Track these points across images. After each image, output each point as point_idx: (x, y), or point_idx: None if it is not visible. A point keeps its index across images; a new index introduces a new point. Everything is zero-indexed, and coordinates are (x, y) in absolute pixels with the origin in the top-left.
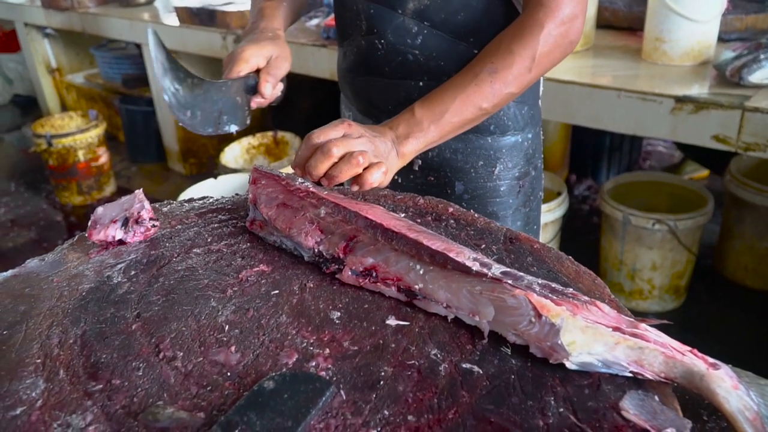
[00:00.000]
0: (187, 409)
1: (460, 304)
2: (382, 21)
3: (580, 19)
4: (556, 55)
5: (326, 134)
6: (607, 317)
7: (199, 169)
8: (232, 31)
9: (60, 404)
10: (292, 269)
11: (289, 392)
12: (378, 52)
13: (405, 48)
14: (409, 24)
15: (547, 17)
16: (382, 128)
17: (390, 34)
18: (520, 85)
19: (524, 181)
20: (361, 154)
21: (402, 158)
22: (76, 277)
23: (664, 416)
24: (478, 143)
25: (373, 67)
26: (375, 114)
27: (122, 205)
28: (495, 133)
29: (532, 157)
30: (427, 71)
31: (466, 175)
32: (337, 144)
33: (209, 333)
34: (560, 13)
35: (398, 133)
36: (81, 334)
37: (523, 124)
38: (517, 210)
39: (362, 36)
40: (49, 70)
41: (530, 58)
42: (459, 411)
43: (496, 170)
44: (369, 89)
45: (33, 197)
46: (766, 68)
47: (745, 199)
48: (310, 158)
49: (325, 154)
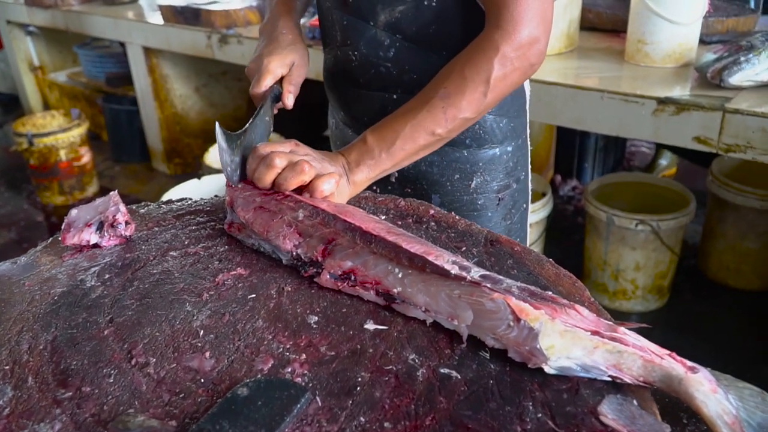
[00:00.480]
0: (158, 417)
1: (438, 308)
2: (354, 33)
3: (541, 42)
4: (514, 78)
5: (272, 147)
6: (585, 321)
7: (183, 169)
8: (216, 30)
9: (28, 412)
10: (270, 272)
11: (264, 399)
12: (352, 63)
13: (378, 60)
14: (381, 36)
15: (503, 40)
16: (335, 155)
17: (363, 46)
18: (476, 110)
19: (504, 194)
20: (306, 163)
21: (353, 186)
22: (49, 281)
23: (642, 421)
24: (454, 156)
25: (349, 78)
26: (353, 124)
27: (97, 207)
28: (471, 147)
29: (513, 170)
30: (401, 84)
31: (442, 188)
32: (279, 155)
33: (183, 338)
34: (517, 36)
35: (349, 160)
36: (51, 340)
37: (501, 138)
38: (497, 224)
39: (338, 46)
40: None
41: (484, 83)
42: (436, 417)
43: (473, 184)
44: (347, 99)
45: (14, 197)
46: (747, 70)
47: (727, 200)
48: (255, 170)
49: (268, 165)
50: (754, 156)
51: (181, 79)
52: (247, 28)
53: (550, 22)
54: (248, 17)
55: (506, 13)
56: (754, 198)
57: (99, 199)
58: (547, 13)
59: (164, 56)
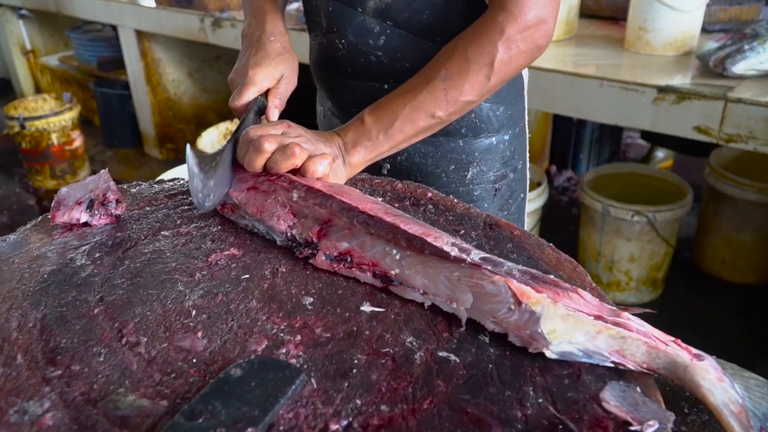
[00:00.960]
0: (149, 397)
1: (437, 291)
2: (341, 20)
3: (548, 23)
4: (519, 61)
5: (263, 130)
6: (588, 305)
7: (176, 155)
8: (210, 13)
9: (17, 390)
10: (264, 253)
11: (257, 380)
12: (339, 52)
13: (367, 49)
14: (370, 23)
15: (507, 22)
16: (330, 134)
17: (351, 34)
18: (479, 93)
19: (501, 184)
20: (297, 146)
21: (350, 167)
22: (38, 259)
23: (646, 408)
24: (449, 146)
25: (336, 67)
26: (341, 116)
27: (87, 185)
28: (467, 136)
29: (510, 159)
30: (392, 73)
31: (437, 180)
32: (269, 139)
33: (175, 318)
34: (523, 17)
35: (346, 141)
36: (41, 318)
37: (498, 126)
38: (493, 215)
39: (323, 34)
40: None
41: (488, 65)
42: (434, 401)
43: (468, 174)
44: (335, 88)
45: (5, 181)
46: (750, 59)
47: (723, 192)
48: (245, 154)
49: (257, 149)
50: (756, 146)
51: (174, 64)
52: (241, 11)
53: (558, 2)
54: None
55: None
56: (751, 191)
57: (89, 178)
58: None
59: (157, 40)
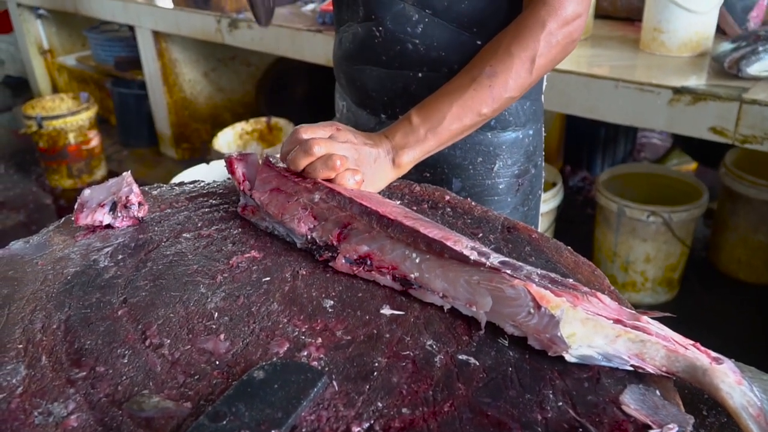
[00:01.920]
0: (173, 399)
1: (456, 294)
2: (380, 7)
3: (583, 18)
4: (557, 56)
5: (313, 131)
6: (608, 309)
7: (191, 154)
8: (226, 14)
9: (41, 392)
10: (284, 256)
11: (280, 382)
12: (375, 39)
13: (404, 36)
14: (409, 11)
15: (549, 16)
16: (378, 137)
17: (389, 21)
18: (521, 88)
19: (523, 179)
20: (341, 158)
21: (398, 168)
22: (62, 261)
23: (665, 411)
24: (477, 139)
25: (369, 56)
26: (370, 105)
27: (110, 188)
28: (495, 129)
29: (533, 154)
30: (427, 62)
31: (463, 172)
32: (319, 143)
33: (198, 320)
34: (563, 11)
35: (394, 143)
36: (65, 320)
37: (524, 120)
38: (515, 209)
39: (359, 22)
40: (41, 52)
41: (530, 60)
42: (455, 404)
43: (495, 167)
44: (365, 78)
45: (23, 179)
46: (765, 60)
47: (739, 192)
48: (291, 151)
49: (306, 151)
50: None
51: (191, 64)
52: None
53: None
54: None
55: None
56: (766, 191)
57: (112, 180)
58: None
59: (173, 40)
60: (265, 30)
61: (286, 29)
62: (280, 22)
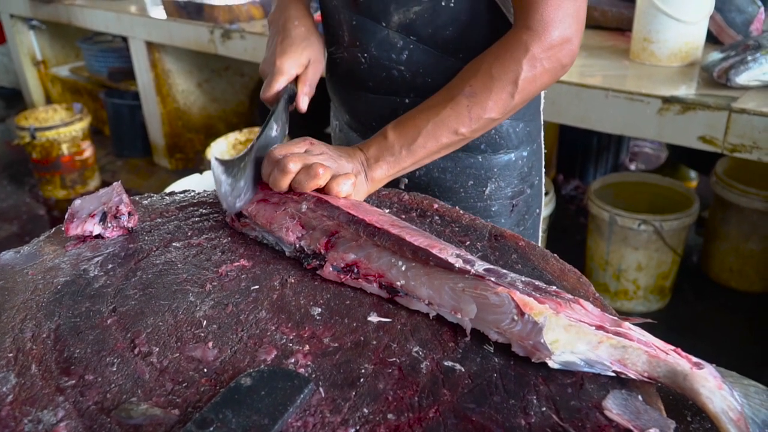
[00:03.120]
0: (161, 406)
1: (442, 302)
2: (365, 33)
3: (573, 42)
4: (544, 80)
5: (287, 149)
6: (590, 315)
7: (185, 164)
8: (219, 24)
9: (31, 400)
10: (273, 264)
11: (267, 389)
12: (361, 66)
13: (390, 63)
14: (394, 38)
15: (532, 40)
16: (352, 149)
17: (374, 48)
18: (502, 111)
19: (518, 200)
20: (321, 166)
21: (372, 183)
22: (52, 270)
23: (647, 416)
24: (468, 162)
25: (356, 81)
26: (359, 129)
27: (100, 198)
28: (486, 152)
29: (528, 175)
30: (414, 87)
31: (455, 195)
32: (293, 159)
33: (186, 328)
34: (548, 36)
35: (368, 156)
36: (55, 328)
37: (517, 142)
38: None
39: (345, 47)
40: (34, 63)
41: (512, 83)
42: (440, 409)
43: (487, 190)
44: (354, 102)
45: (16, 190)
46: (754, 70)
47: (730, 201)
48: (270, 174)
49: (282, 170)
50: (760, 156)
51: (184, 74)
52: (250, 23)
53: (583, 21)
54: (251, 12)
55: (535, 14)
56: (757, 199)
57: (102, 190)
58: (581, 12)
59: (167, 51)
60: (258, 40)
61: None
62: None
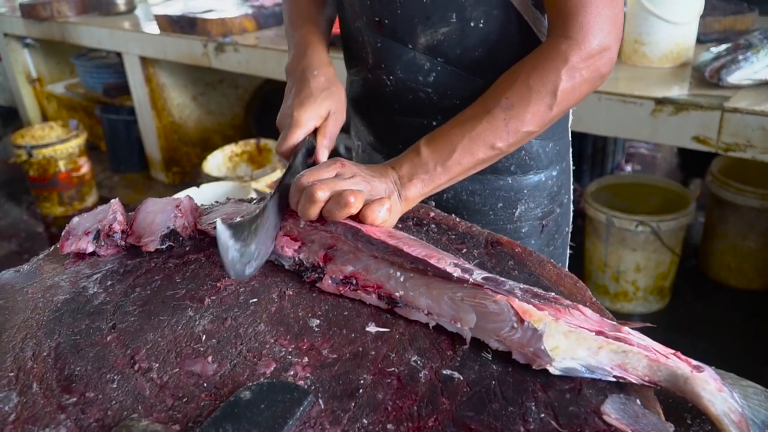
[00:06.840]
0: (162, 422)
1: (441, 311)
2: (390, 56)
3: (612, 50)
4: (583, 90)
5: (315, 175)
6: (589, 321)
7: (182, 178)
8: (212, 38)
9: (33, 418)
10: (271, 277)
11: (266, 402)
12: (386, 88)
13: (416, 85)
14: (420, 60)
15: (571, 50)
16: (384, 168)
17: (399, 71)
18: (540, 123)
19: (548, 220)
20: (352, 194)
21: (405, 202)
22: (51, 289)
23: (646, 420)
24: (497, 184)
25: (381, 103)
26: (384, 151)
27: (97, 215)
28: (516, 173)
29: (557, 194)
30: (442, 109)
31: (484, 218)
32: (321, 187)
33: (186, 343)
34: (587, 45)
35: (401, 174)
36: (55, 347)
37: (547, 162)
38: (539, 251)
39: (368, 69)
40: (29, 80)
41: (550, 95)
42: (439, 418)
43: (516, 212)
44: (378, 124)
45: (13, 208)
46: (745, 69)
47: (726, 199)
48: (298, 203)
49: (309, 199)
50: (754, 155)
51: (179, 88)
52: (243, 35)
53: (621, 28)
54: (244, 25)
55: (574, 22)
56: (754, 197)
57: (100, 207)
58: (619, 19)
59: (161, 65)
60: (252, 53)
61: (272, 51)
62: (267, 44)
